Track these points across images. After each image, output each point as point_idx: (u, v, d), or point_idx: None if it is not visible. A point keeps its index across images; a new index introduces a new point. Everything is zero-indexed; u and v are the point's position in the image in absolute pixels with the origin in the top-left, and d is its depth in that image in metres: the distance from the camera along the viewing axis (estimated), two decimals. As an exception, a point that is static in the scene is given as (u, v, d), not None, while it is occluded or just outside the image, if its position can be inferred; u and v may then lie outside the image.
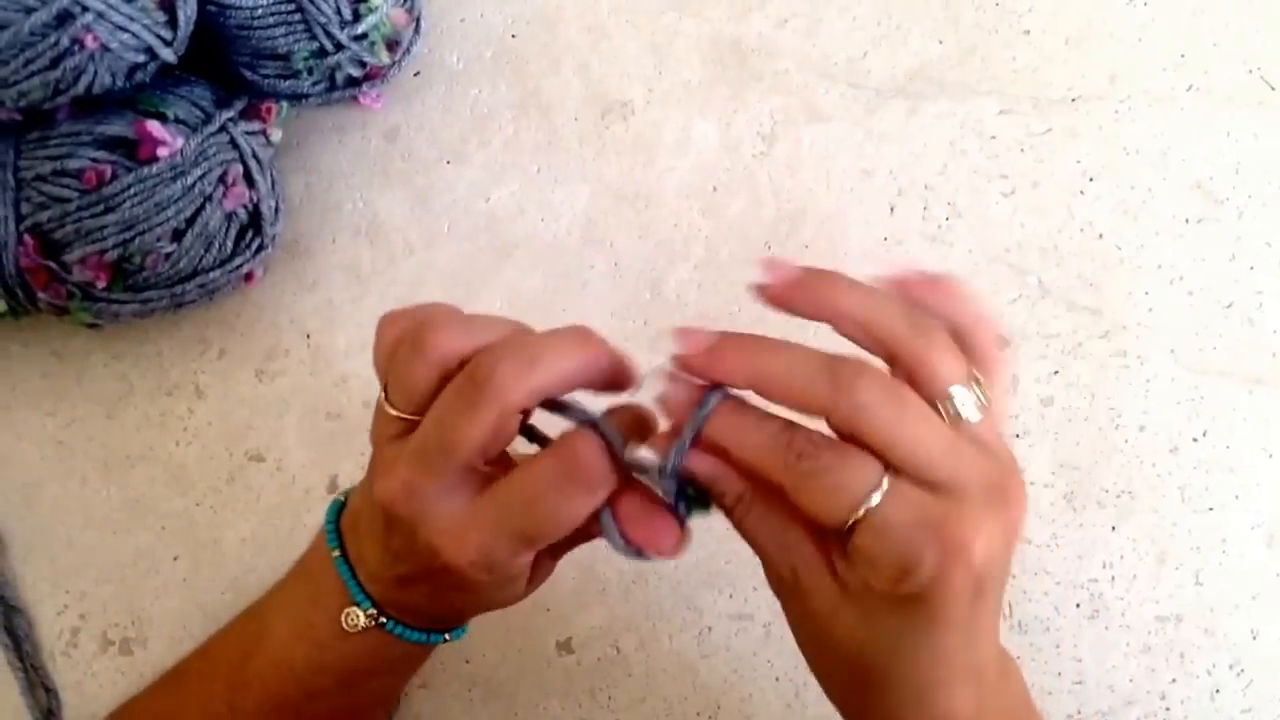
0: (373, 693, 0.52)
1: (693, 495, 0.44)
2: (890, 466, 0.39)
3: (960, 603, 0.40)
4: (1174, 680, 0.62)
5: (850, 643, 0.42)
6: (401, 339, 0.43)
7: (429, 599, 0.47)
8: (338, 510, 0.49)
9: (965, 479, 0.39)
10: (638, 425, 0.44)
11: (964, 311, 0.43)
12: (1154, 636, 0.62)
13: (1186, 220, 0.67)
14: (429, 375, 0.42)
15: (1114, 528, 0.64)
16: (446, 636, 0.50)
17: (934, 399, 0.40)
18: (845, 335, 0.42)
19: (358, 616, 0.47)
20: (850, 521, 0.39)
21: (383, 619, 0.47)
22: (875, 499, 0.39)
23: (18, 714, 0.63)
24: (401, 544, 0.44)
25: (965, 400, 0.40)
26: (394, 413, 0.43)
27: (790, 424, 0.41)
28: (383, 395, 0.44)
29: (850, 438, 0.40)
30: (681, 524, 0.44)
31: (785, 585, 0.44)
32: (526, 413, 0.43)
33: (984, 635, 0.42)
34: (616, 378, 0.43)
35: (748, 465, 0.41)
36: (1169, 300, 0.66)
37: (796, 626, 0.45)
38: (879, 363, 0.41)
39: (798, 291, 0.42)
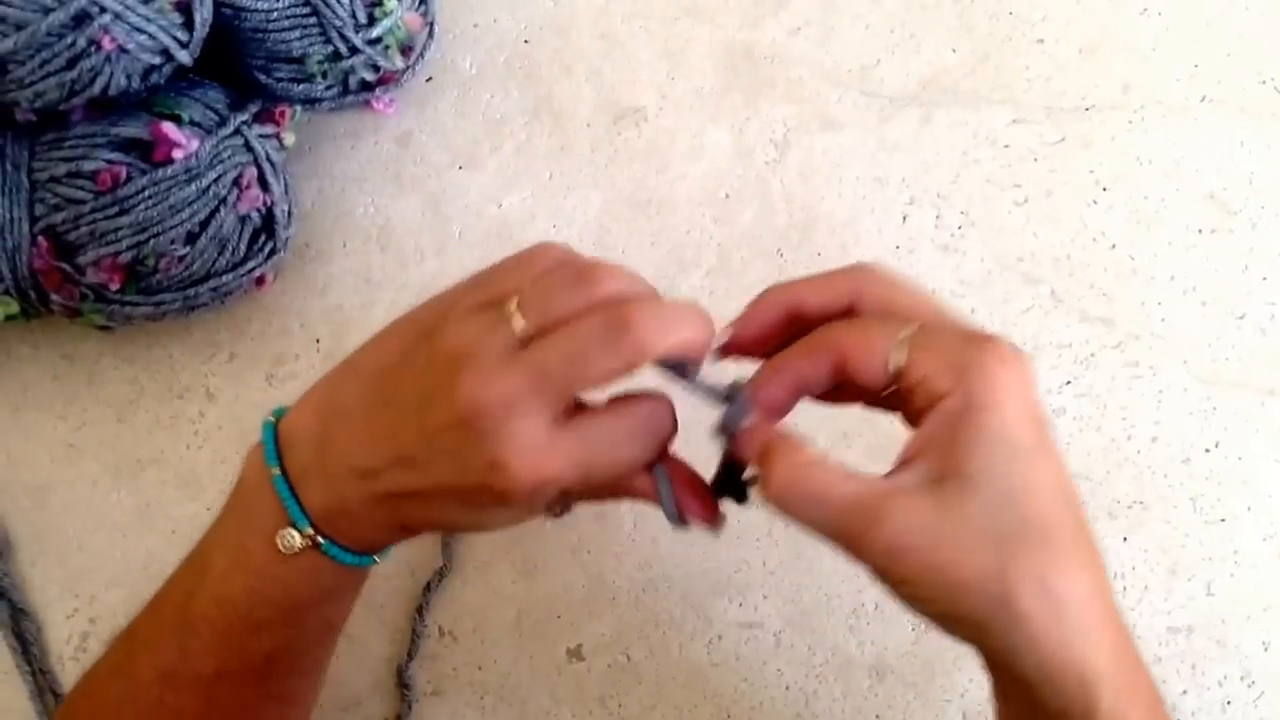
0: (315, 625, 0.51)
1: (741, 480, 0.48)
2: None
3: (1025, 410, 0.42)
4: (1185, 692, 0.62)
5: (963, 554, 0.41)
6: (565, 264, 0.45)
7: (398, 516, 0.46)
8: (274, 427, 0.48)
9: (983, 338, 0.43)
10: None
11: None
12: (1165, 648, 0.62)
13: (1199, 231, 0.67)
14: (582, 304, 0.43)
15: (1125, 538, 0.64)
16: (376, 559, 0.49)
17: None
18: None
19: (293, 537, 0.46)
20: (898, 340, 0.43)
21: (319, 538, 0.46)
22: (907, 331, 0.43)
23: (26, 718, 0.63)
24: (454, 449, 0.43)
25: None
26: (520, 324, 0.43)
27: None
28: (513, 305, 0.43)
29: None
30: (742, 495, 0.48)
31: (878, 543, 0.42)
32: None
33: (1056, 465, 0.43)
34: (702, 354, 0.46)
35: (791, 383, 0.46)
36: (1182, 311, 0.66)
37: (914, 583, 0.42)
38: None
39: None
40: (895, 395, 0.44)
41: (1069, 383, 0.65)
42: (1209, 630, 0.62)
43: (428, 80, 0.71)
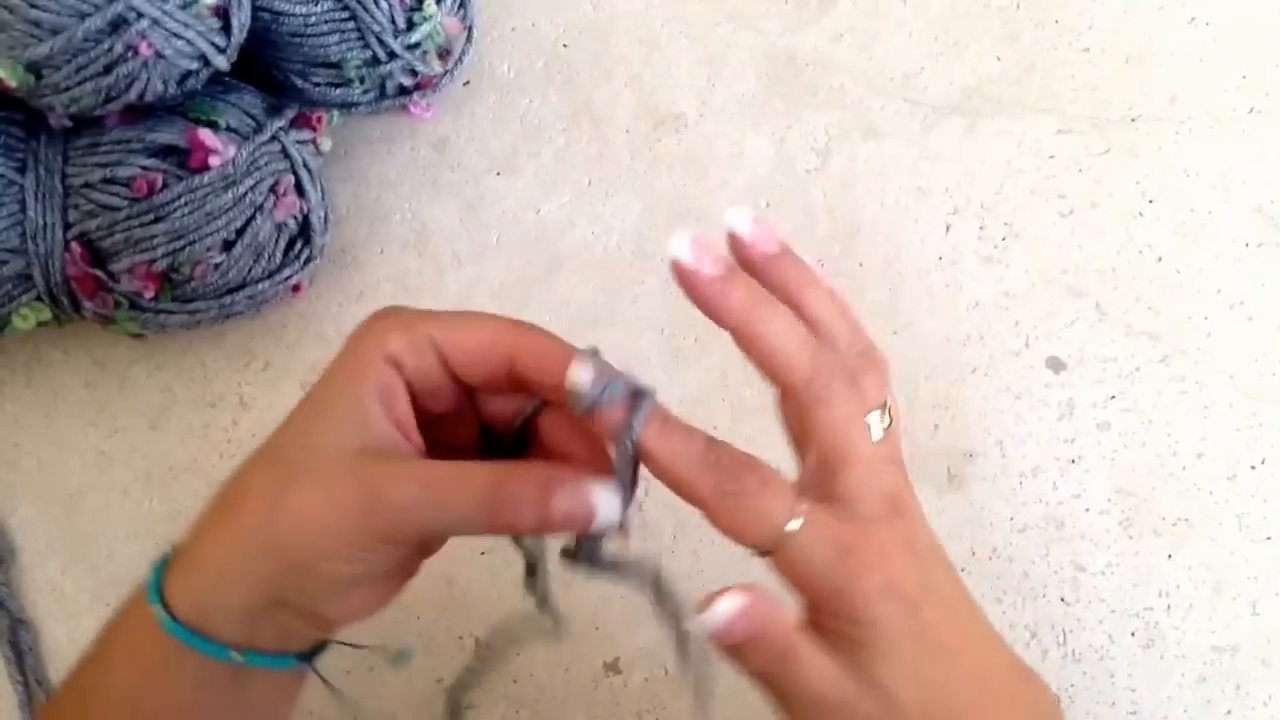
0: None
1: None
2: (807, 468, 0.42)
3: (895, 614, 0.41)
4: (1229, 712, 0.61)
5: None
6: None
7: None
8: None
9: (867, 495, 0.42)
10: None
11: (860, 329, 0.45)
12: (1210, 667, 0.62)
13: (1246, 244, 0.66)
14: None
15: (1170, 556, 0.63)
16: (240, 657, 0.43)
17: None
18: (747, 353, 0.43)
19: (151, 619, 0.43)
20: (769, 545, 0.41)
21: (164, 615, 0.43)
22: (794, 525, 0.41)
23: None
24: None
25: (877, 423, 0.43)
26: None
27: (714, 441, 0.42)
28: None
29: (795, 418, 0.43)
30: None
31: (797, 704, 0.42)
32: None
33: (961, 647, 0.42)
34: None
35: (673, 479, 0.42)
36: (1228, 325, 0.65)
37: None
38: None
39: (719, 297, 0.42)
40: None
41: (1114, 397, 0.64)
42: (1254, 650, 0.62)
43: (465, 85, 0.70)
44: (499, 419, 0.47)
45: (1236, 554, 0.63)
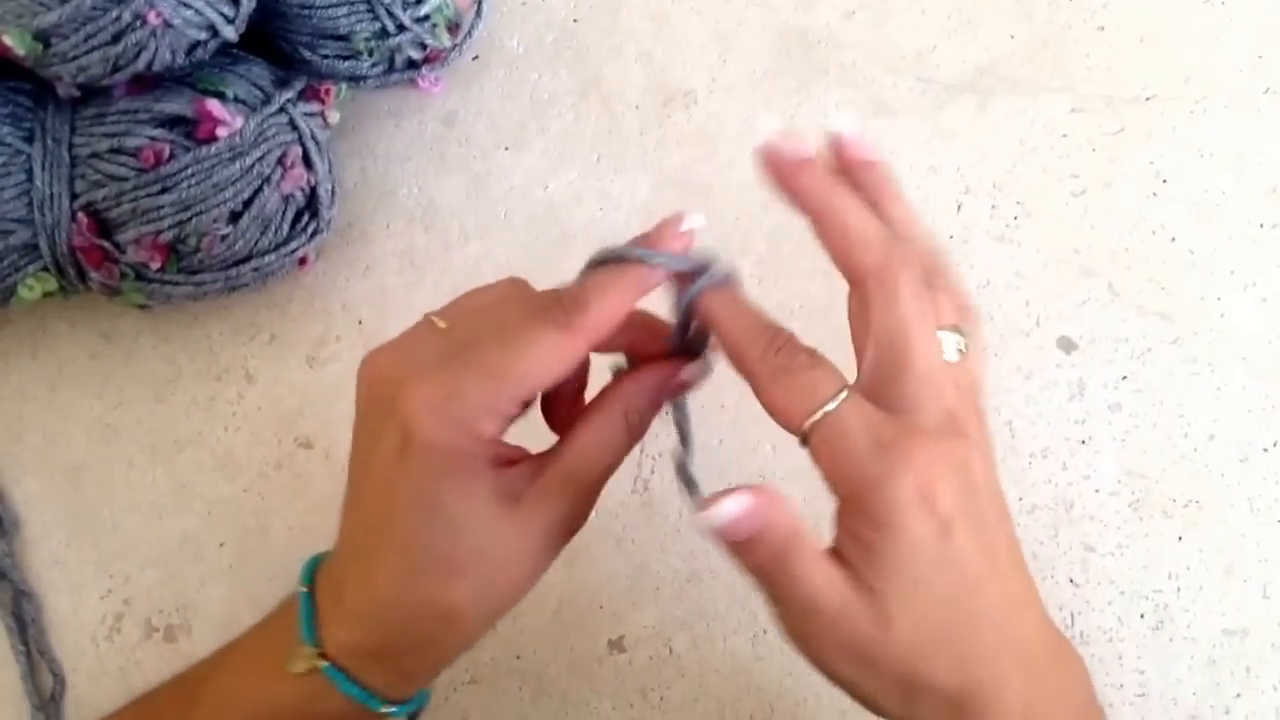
0: None
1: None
2: (864, 365, 0.42)
3: (922, 528, 0.39)
4: (1239, 695, 0.61)
5: (873, 630, 0.40)
6: None
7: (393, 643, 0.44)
8: (316, 562, 0.47)
9: (925, 405, 0.41)
10: None
11: (951, 268, 0.46)
12: (1220, 650, 0.61)
13: (1261, 225, 0.66)
14: None
15: (1180, 538, 0.62)
16: (392, 709, 0.45)
17: None
18: (821, 237, 0.44)
19: (298, 658, 0.44)
20: (807, 425, 0.40)
21: (322, 661, 0.44)
22: (833, 404, 0.40)
23: (17, 699, 0.63)
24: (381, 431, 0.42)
25: (950, 343, 0.43)
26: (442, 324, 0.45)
27: (779, 326, 0.43)
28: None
29: (859, 306, 0.42)
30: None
31: (793, 608, 0.42)
32: None
33: (986, 587, 0.40)
34: None
35: (730, 342, 0.43)
36: (1241, 307, 0.65)
37: (831, 658, 0.42)
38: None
39: (804, 175, 0.44)
40: None
41: (1125, 378, 0.64)
42: (1264, 633, 0.61)
43: (474, 59, 0.70)
44: None
45: (1247, 536, 0.62)
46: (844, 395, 0.40)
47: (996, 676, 0.40)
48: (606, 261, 0.45)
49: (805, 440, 0.41)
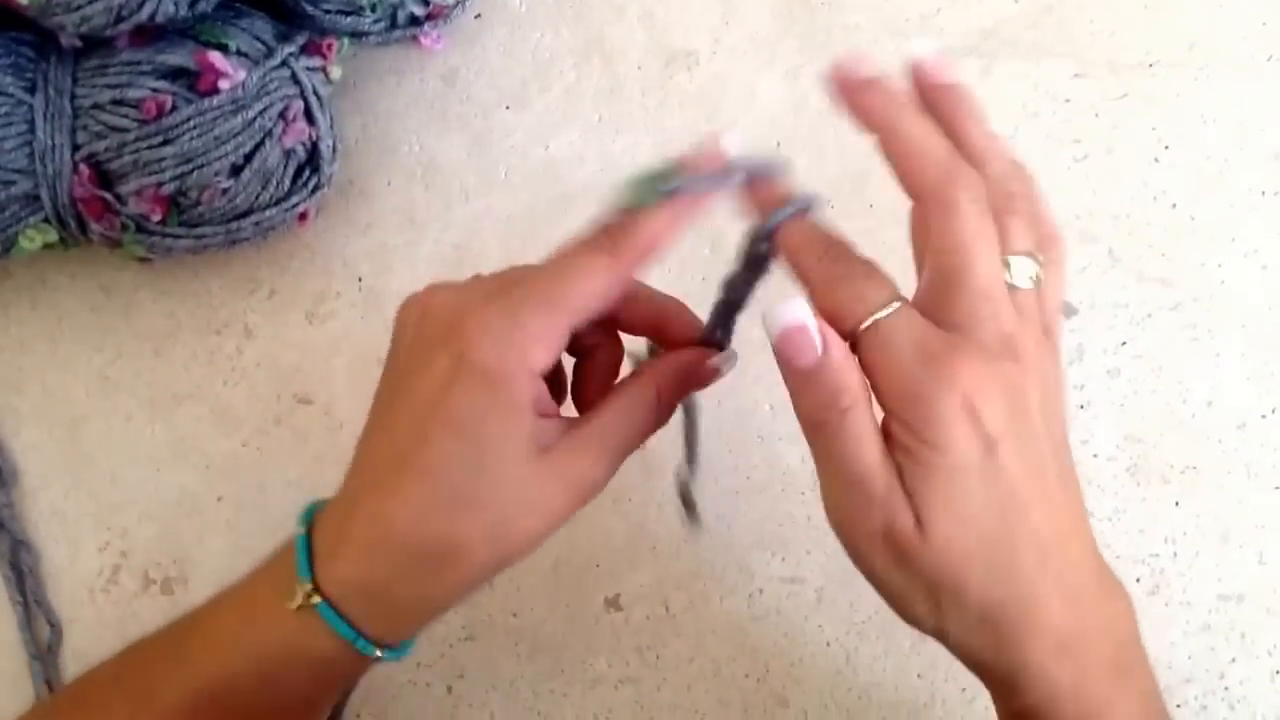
0: (290, 700, 0.47)
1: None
2: (922, 281, 0.42)
3: (966, 442, 0.39)
4: (1234, 660, 0.61)
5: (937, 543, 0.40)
6: None
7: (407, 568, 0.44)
8: (314, 508, 0.47)
9: (980, 324, 0.40)
10: None
11: (1035, 196, 0.46)
12: (1215, 615, 0.61)
13: (1263, 193, 0.65)
14: None
15: (1177, 503, 0.62)
16: (379, 653, 0.45)
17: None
18: (887, 156, 0.44)
19: (295, 594, 0.44)
20: (859, 329, 0.41)
21: (316, 598, 0.44)
22: (884, 313, 0.40)
23: (14, 650, 0.63)
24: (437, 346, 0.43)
25: (1021, 269, 0.42)
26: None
27: (840, 239, 0.44)
28: None
29: (920, 223, 0.43)
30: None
31: (839, 477, 0.41)
32: None
33: (1031, 510, 0.40)
34: None
35: (789, 249, 0.43)
36: (1242, 273, 0.65)
37: (867, 546, 0.42)
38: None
39: (871, 93, 0.44)
40: None
41: (1124, 343, 0.64)
42: (1260, 598, 0.61)
43: (476, 17, 0.70)
44: None
45: (1244, 502, 0.62)
46: (896, 305, 0.41)
47: (1034, 597, 0.40)
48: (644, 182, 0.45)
49: (855, 346, 0.41)
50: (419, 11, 0.65)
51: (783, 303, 0.41)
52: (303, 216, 0.64)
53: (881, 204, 0.66)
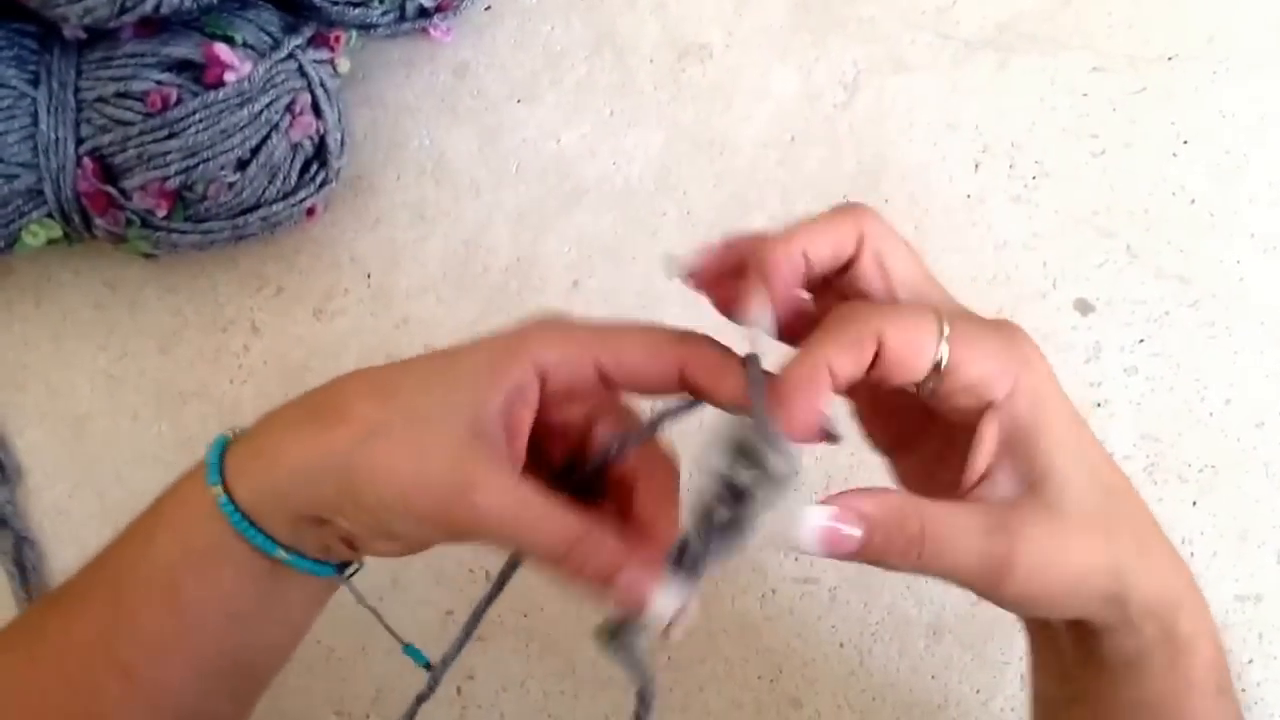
0: (229, 609, 0.45)
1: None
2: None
3: (1064, 411, 0.41)
4: (1251, 661, 0.60)
5: (1080, 557, 0.40)
6: None
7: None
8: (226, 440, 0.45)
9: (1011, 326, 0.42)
10: None
11: None
12: (1232, 615, 0.61)
13: (1282, 188, 0.65)
14: None
15: (1195, 503, 0.62)
16: (282, 553, 0.43)
17: None
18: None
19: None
20: (935, 362, 0.39)
21: (218, 486, 0.42)
22: (949, 329, 0.39)
23: None
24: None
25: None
26: None
27: None
28: None
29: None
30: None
31: (1009, 592, 0.40)
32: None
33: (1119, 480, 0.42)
34: None
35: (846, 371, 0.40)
36: (1261, 270, 0.64)
37: (1036, 601, 0.41)
38: None
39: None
40: (896, 390, 0.41)
41: (1142, 341, 0.63)
42: (1278, 599, 0.61)
43: (487, 9, 0.69)
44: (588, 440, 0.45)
45: (1262, 502, 0.62)
46: (948, 330, 0.40)
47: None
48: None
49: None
50: (428, 3, 0.64)
51: (794, 522, 0.38)
52: (310, 212, 0.63)
53: (897, 200, 0.65)
